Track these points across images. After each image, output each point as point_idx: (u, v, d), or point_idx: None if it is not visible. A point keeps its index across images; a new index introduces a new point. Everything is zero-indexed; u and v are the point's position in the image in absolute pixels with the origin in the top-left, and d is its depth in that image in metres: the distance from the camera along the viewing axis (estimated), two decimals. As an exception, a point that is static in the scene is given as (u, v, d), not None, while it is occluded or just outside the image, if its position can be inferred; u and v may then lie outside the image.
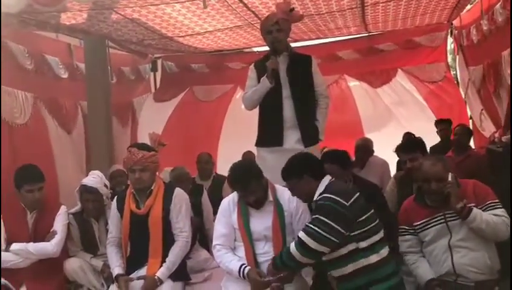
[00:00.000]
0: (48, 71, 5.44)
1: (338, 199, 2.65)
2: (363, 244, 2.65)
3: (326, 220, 2.60)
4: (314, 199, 2.80)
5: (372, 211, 2.74)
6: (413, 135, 4.97)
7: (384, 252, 2.69)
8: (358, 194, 2.77)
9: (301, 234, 2.64)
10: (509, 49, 4.45)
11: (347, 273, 2.66)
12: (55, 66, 5.54)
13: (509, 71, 4.46)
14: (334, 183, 2.86)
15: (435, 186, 2.91)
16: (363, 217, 2.68)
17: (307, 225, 2.66)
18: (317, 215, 2.64)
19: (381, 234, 2.72)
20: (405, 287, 2.81)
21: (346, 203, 2.64)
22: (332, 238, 2.59)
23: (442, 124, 5.88)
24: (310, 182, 2.84)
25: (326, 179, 2.86)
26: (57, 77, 5.60)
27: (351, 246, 2.65)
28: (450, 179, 2.92)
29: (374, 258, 2.64)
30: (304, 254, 2.63)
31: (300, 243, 2.62)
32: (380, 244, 2.70)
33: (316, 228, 2.59)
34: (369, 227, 2.68)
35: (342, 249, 2.66)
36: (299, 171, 2.86)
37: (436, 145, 5.77)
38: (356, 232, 2.65)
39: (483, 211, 2.87)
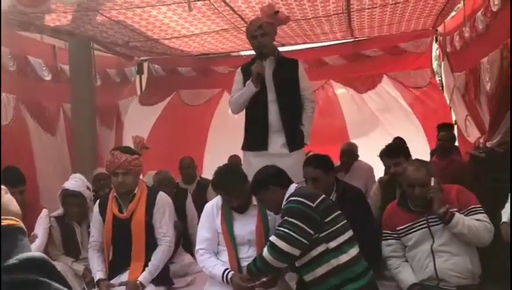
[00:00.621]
0: (30, 73, 5.37)
1: (304, 200, 2.69)
2: (333, 244, 2.66)
3: (294, 221, 2.62)
4: (283, 206, 2.81)
5: (339, 212, 2.77)
6: (403, 140, 4.99)
7: (354, 251, 2.70)
8: (324, 196, 2.81)
9: (272, 238, 2.65)
10: (487, 58, 4.50)
11: (319, 276, 2.67)
12: (38, 68, 5.46)
13: (487, 78, 4.51)
14: (300, 188, 2.92)
15: (418, 191, 2.93)
16: (330, 218, 2.70)
17: (277, 228, 2.68)
18: (285, 218, 2.66)
19: (349, 233, 2.74)
20: (377, 286, 2.82)
21: (312, 204, 2.68)
22: (302, 240, 2.60)
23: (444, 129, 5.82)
24: (276, 191, 2.87)
25: (293, 187, 2.89)
26: (40, 78, 5.52)
27: (321, 248, 2.66)
28: (433, 184, 2.93)
29: (343, 258, 2.66)
30: (276, 258, 2.63)
31: (272, 247, 2.63)
32: (349, 244, 2.71)
33: (286, 230, 2.61)
34: (336, 227, 2.70)
35: (313, 252, 2.67)
36: (264, 183, 2.90)
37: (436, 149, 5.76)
38: (325, 233, 2.67)
39: (465, 215, 2.90)
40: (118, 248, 3.36)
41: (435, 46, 7.00)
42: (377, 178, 4.76)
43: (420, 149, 5.79)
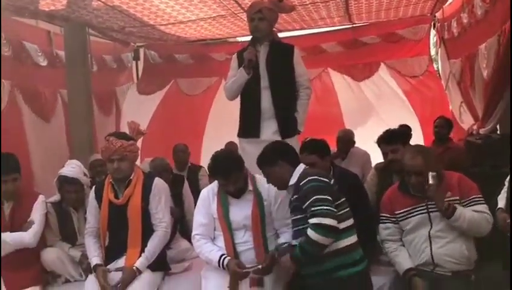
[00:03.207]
0: (26, 58, 5.33)
1: (323, 179, 2.75)
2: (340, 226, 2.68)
3: (326, 197, 2.66)
4: (290, 183, 2.84)
5: (344, 198, 2.81)
6: (409, 127, 4.98)
7: (353, 238, 2.75)
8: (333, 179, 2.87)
9: (315, 219, 2.61)
10: (485, 44, 4.48)
11: (317, 258, 2.68)
12: (33, 54, 5.43)
13: (484, 64, 4.49)
14: (312, 169, 2.95)
15: (414, 179, 2.95)
16: (339, 202, 2.75)
17: (313, 209, 2.64)
18: (316, 197, 2.65)
19: (351, 221, 2.78)
20: (369, 275, 2.85)
21: (330, 182, 2.76)
22: (336, 212, 2.64)
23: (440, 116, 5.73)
24: (284, 167, 2.88)
25: (301, 167, 2.91)
26: (35, 64, 5.49)
27: None
28: (430, 181, 2.89)
29: (343, 243, 2.69)
30: (326, 235, 2.61)
31: (319, 226, 2.59)
32: (350, 230, 2.75)
33: (325, 207, 2.62)
34: (342, 212, 2.73)
35: None
36: (273, 158, 2.90)
37: None
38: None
39: (466, 205, 2.92)
40: (114, 234, 3.35)
41: (432, 32, 6.96)
42: (373, 165, 4.76)
43: (414, 138, 5.77)
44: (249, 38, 3.95)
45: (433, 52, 7.43)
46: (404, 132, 4.21)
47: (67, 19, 5.14)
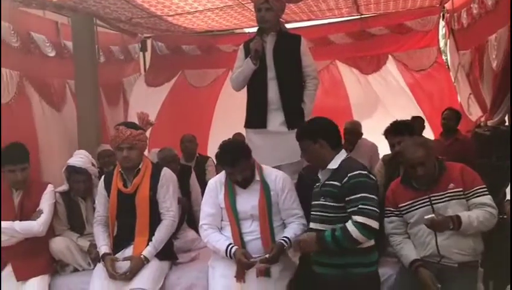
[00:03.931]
0: (34, 49, 5.35)
1: (372, 176, 2.74)
2: None
3: (373, 196, 2.65)
4: (329, 167, 2.78)
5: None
6: (422, 119, 4.91)
7: (373, 241, 2.76)
8: None
9: (362, 219, 2.59)
10: (495, 34, 4.44)
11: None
12: (41, 44, 5.45)
13: (494, 55, 4.45)
14: (356, 160, 2.88)
15: (421, 171, 2.93)
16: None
17: (361, 207, 2.61)
18: (364, 194, 2.63)
19: None
20: (379, 276, 2.87)
21: (376, 181, 2.76)
22: (378, 213, 2.65)
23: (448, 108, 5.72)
24: (324, 148, 2.79)
25: (343, 154, 2.84)
26: (44, 55, 5.51)
27: None
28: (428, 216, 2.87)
29: (367, 243, 2.71)
30: (368, 236, 2.64)
31: (364, 227, 2.59)
32: None
33: (372, 208, 2.62)
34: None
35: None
36: (315, 134, 2.80)
37: None
38: None
39: (470, 197, 2.90)
40: (123, 223, 3.39)
41: (441, 23, 6.90)
42: (381, 156, 4.74)
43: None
44: (255, 29, 3.94)
45: (442, 43, 7.37)
46: (410, 123, 4.19)
47: (75, 9, 5.14)
